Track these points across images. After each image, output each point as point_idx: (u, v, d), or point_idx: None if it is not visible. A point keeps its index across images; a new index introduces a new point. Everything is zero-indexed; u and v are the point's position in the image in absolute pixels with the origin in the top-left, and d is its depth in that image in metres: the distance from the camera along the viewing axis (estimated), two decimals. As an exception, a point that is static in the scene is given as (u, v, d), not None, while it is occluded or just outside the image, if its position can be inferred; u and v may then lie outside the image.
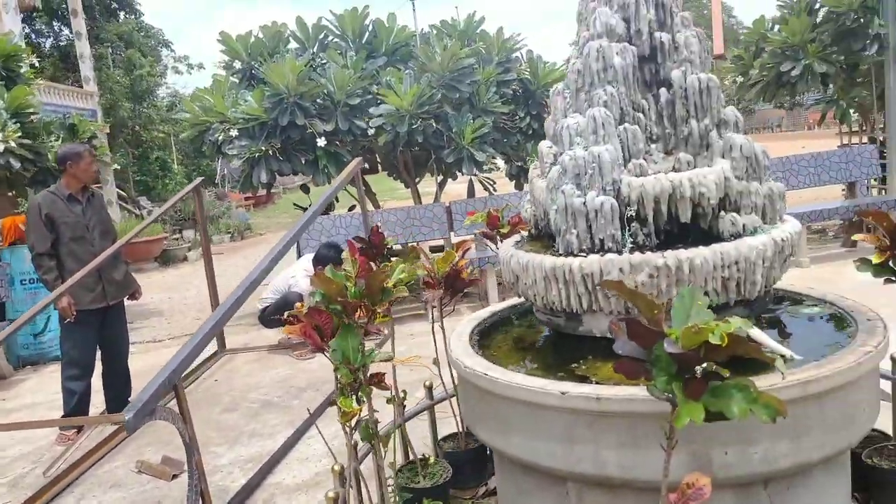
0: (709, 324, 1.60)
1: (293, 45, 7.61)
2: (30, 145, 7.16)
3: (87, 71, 15.03)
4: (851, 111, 8.92)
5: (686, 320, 1.78)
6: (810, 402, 2.01)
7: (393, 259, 3.24)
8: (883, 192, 8.33)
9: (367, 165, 8.42)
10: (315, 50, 7.52)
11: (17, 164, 6.70)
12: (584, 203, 2.27)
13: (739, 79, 9.01)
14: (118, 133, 16.09)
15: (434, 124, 6.62)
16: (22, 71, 7.90)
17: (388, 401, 3.27)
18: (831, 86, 8.68)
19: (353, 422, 2.37)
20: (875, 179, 8.35)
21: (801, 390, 1.97)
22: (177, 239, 15.60)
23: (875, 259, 2.67)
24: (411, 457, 3.31)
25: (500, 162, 8.00)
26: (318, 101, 6.85)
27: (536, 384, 2.14)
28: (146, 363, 6.12)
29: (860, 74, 8.61)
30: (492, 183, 8.27)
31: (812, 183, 7.47)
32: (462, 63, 6.71)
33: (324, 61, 7.24)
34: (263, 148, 6.62)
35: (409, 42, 7.48)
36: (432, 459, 3.29)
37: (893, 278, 2.68)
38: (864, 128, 8.98)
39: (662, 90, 2.42)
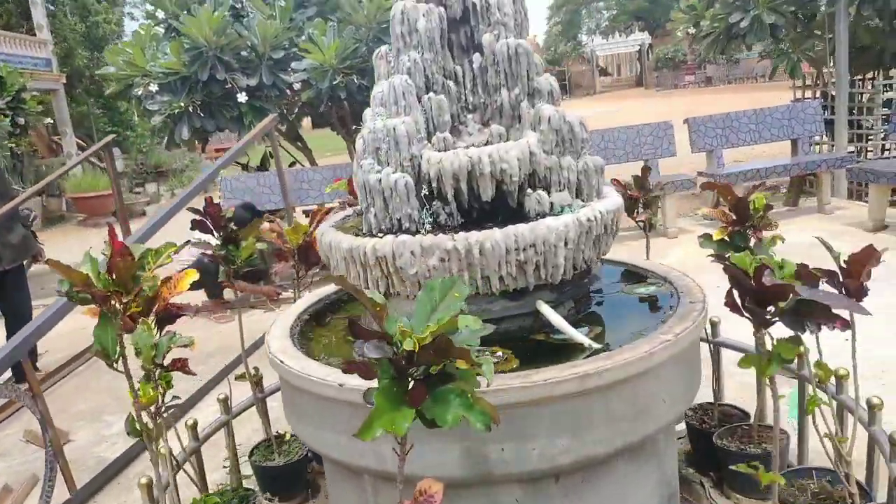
0: (421, 325, 1.47)
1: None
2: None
3: (40, 18, 14.54)
4: (803, 64, 8.67)
5: (429, 316, 1.67)
6: (593, 396, 1.91)
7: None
8: (831, 148, 8.16)
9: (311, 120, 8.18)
10: (244, -1, 7.20)
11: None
12: (380, 180, 2.12)
13: (692, 30, 8.71)
14: (76, 83, 15.64)
15: (357, 80, 6.37)
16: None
17: (238, 378, 3.18)
18: (784, 38, 8.40)
19: (153, 409, 2.28)
20: (823, 136, 8.17)
21: (579, 384, 1.86)
22: (138, 193, 15.38)
23: (716, 235, 2.54)
24: (268, 435, 3.23)
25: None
26: (243, 53, 6.58)
27: (319, 374, 2.03)
28: (77, 323, 6.03)
29: (817, 26, 8.33)
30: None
31: (753, 140, 7.30)
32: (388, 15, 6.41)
33: (251, 11, 6.94)
34: (183, 104, 6.38)
35: (341, -9, 7.16)
36: (288, 436, 3.21)
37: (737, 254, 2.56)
38: (817, 82, 8.74)
39: (476, 56, 2.25)
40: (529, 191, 2.16)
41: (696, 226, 7.17)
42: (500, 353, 2.12)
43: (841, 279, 2.11)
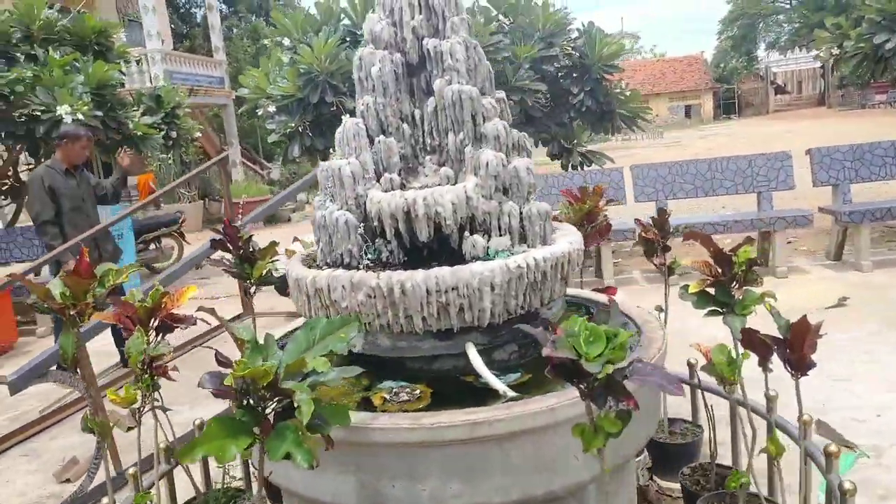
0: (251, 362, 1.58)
1: (346, 21, 7.78)
2: (112, 116, 7.94)
3: (217, 41, 16.26)
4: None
5: (302, 353, 1.77)
6: (488, 445, 1.91)
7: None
8: None
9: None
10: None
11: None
12: (325, 216, 2.26)
13: (835, 51, 7.98)
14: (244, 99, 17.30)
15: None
16: (115, 46, 8.75)
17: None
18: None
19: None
20: None
21: (469, 431, 1.87)
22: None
23: (692, 287, 2.40)
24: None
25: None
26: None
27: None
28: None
29: None
30: (530, 163, 8.03)
31: (889, 175, 6.53)
32: (489, 40, 6.54)
33: (366, 38, 7.36)
34: (293, 124, 6.91)
35: (451, 17, 7.39)
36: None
37: (720, 310, 2.41)
38: None
39: (431, 100, 2.31)
40: (467, 234, 2.19)
41: (814, 266, 6.57)
42: (418, 391, 2.17)
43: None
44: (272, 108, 7.12)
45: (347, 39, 7.45)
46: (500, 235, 2.20)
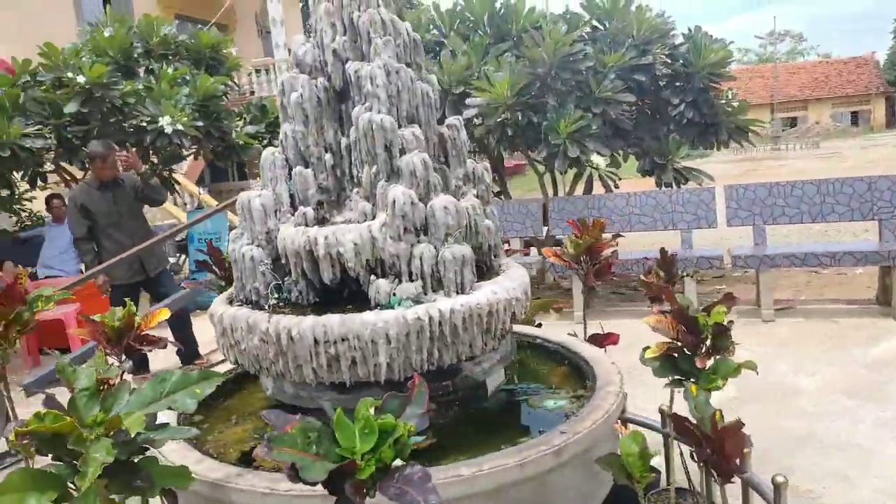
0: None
1: (434, 31, 7.69)
2: (216, 126, 8.37)
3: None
4: None
5: (142, 405, 1.65)
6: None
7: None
8: None
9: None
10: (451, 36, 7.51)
11: (187, 143, 7.85)
12: (234, 250, 2.13)
13: None
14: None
15: (532, 116, 6.25)
16: (228, 60, 9.23)
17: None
18: None
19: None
20: None
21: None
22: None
23: (650, 353, 2.03)
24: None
25: (595, 157, 7.17)
26: (433, 89, 6.88)
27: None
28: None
29: None
30: (616, 178, 7.47)
31: None
32: (570, 49, 6.17)
33: (451, 48, 7.22)
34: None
35: (541, 24, 7.07)
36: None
37: (683, 380, 2.01)
38: None
39: (353, 129, 2.11)
40: (373, 278, 1.97)
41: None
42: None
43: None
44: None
45: (436, 49, 7.38)
46: (412, 280, 1.96)
